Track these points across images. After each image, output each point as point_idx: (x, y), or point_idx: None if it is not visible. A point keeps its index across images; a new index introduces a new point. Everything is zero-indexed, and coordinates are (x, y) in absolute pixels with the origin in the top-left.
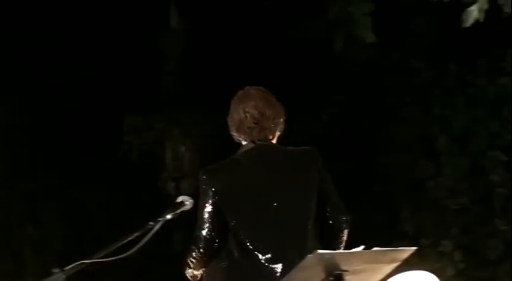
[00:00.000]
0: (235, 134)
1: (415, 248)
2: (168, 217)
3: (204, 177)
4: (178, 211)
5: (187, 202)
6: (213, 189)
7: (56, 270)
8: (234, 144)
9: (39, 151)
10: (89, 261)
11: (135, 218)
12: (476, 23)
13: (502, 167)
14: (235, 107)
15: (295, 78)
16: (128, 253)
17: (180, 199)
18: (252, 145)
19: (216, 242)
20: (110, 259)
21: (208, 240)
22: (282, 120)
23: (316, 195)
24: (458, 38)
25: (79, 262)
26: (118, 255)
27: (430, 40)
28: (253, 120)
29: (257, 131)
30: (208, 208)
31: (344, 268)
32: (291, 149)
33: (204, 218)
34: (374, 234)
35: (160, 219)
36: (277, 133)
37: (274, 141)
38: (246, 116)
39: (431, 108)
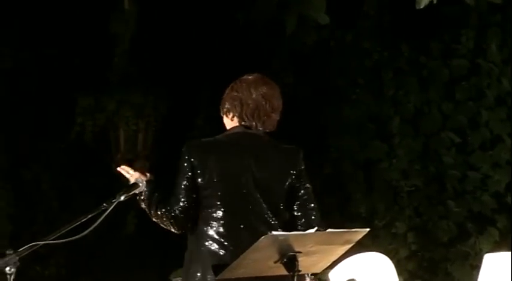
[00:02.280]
0: (236, 118)
1: (368, 229)
2: (122, 198)
3: (184, 150)
4: (132, 193)
5: (141, 183)
6: (191, 162)
7: (9, 251)
8: (187, 125)
9: None
10: (42, 242)
11: (89, 200)
12: (430, 4)
13: (455, 149)
14: (250, 91)
15: (246, 61)
16: (82, 234)
17: (133, 180)
18: (241, 129)
19: (187, 210)
20: (63, 240)
21: (181, 207)
22: None
23: (287, 194)
24: (411, 20)
25: (32, 244)
26: (71, 236)
27: (383, 21)
28: (271, 109)
29: (268, 120)
30: (184, 180)
31: (298, 249)
32: (279, 144)
33: (179, 188)
34: (327, 216)
35: (114, 200)
36: None
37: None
38: (266, 103)
39: (384, 89)
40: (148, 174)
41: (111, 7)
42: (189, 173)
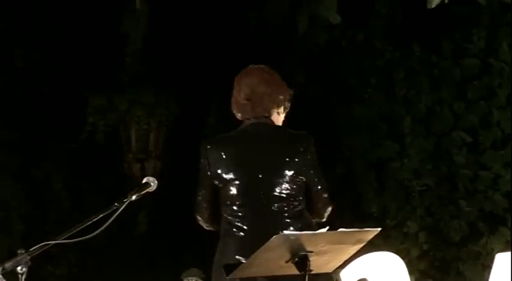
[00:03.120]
0: (234, 111)
1: (379, 229)
2: (133, 198)
3: (201, 148)
4: (143, 192)
5: (152, 183)
6: (208, 160)
7: (20, 251)
8: (198, 124)
9: (2, 131)
10: (54, 242)
11: (100, 200)
12: (441, 4)
13: (466, 149)
14: (234, 85)
15: (257, 60)
16: (93, 234)
17: (144, 180)
18: (247, 122)
19: (209, 208)
20: (74, 240)
21: (202, 206)
22: (281, 97)
23: (300, 176)
24: (422, 19)
25: (43, 243)
26: (83, 236)
27: (394, 21)
28: (245, 97)
29: (249, 108)
30: (202, 177)
31: (309, 249)
32: (286, 131)
33: (199, 187)
34: (338, 215)
35: (125, 200)
36: (276, 110)
37: (273, 118)
38: (240, 93)
39: (395, 89)
40: None
41: (122, 7)
42: (207, 172)
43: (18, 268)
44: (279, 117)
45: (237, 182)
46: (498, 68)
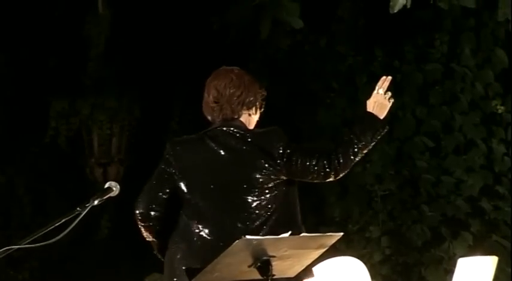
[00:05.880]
0: (205, 114)
1: (342, 234)
2: (95, 202)
3: (168, 147)
4: (105, 197)
5: (114, 187)
6: (172, 160)
7: None
8: (161, 129)
9: None
10: (17, 247)
11: (62, 204)
12: (403, 8)
13: (429, 153)
14: (208, 91)
15: (220, 64)
16: (55, 238)
17: (107, 184)
18: (216, 124)
19: (155, 210)
20: (37, 244)
21: (148, 205)
22: (251, 99)
23: (273, 176)
24: (385, 24)
25: (6, 248)
26: (45, 241)
27: (357, 26)
28: (213, 100)
29: (218, 110)
30: (161, 175)
31: (271, 253)
32: (254, 130)
33: (153, 182)
34: (301, 220)
35: (87, 205)
36: (247, 112)
37: (244, 119)
38: (209, 96)
39: (358, 93)
40: None
41: (85, 10)
42: (167, 169)
43: None
44: (250, 119)
45: (202, 186)
46: (460, 73)
